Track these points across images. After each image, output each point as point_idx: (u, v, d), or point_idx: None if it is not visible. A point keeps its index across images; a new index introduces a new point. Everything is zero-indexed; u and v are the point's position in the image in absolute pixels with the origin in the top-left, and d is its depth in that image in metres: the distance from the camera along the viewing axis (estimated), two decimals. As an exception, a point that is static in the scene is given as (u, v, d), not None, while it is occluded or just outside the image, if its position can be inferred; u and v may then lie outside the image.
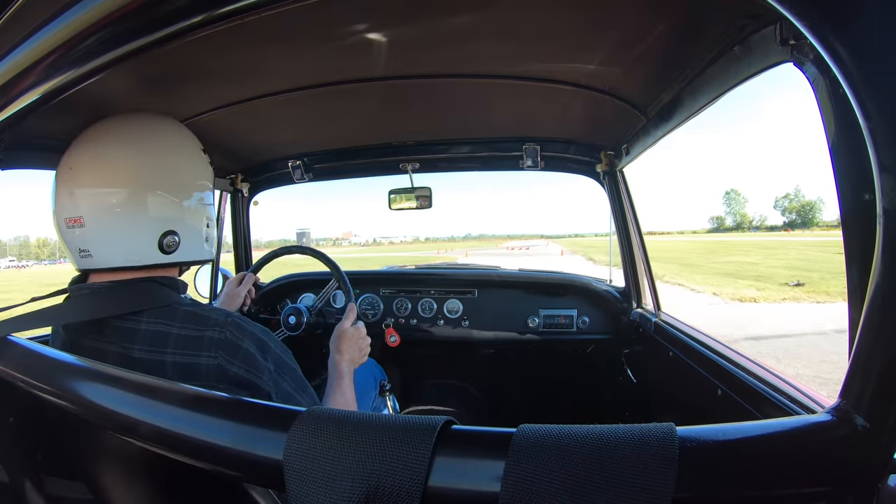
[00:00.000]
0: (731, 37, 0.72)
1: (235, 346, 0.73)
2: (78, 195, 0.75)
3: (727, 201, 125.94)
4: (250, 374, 0.73)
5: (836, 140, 0.53)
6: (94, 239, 0.76)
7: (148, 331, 0.74)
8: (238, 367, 0.73)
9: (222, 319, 0.75)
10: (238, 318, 0.76)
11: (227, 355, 0.72)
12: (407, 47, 0.91)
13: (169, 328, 0.74)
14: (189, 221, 0.83)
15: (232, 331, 0.74)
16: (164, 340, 0.73)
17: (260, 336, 0.77)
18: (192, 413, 0.48)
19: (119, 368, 0.58)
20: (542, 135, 1.53)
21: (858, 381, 0.34)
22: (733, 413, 0.88)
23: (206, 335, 0.73)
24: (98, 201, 0.75)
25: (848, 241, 0.54)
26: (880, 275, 0.32)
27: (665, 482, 0.31)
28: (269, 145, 1.59)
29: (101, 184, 0.76)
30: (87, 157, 0.77)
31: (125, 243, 0.76)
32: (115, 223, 0.76)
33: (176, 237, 0.80)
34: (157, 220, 0.78)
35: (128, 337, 0.74)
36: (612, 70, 0.98)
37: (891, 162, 0.30)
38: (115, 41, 0.50)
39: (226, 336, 0.73)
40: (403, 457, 0.37)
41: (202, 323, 0.74)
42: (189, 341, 0.73)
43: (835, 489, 0.34)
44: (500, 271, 1.97)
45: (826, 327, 6.58)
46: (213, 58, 0.88)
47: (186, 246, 0.82)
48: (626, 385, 1.61)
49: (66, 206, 0.76)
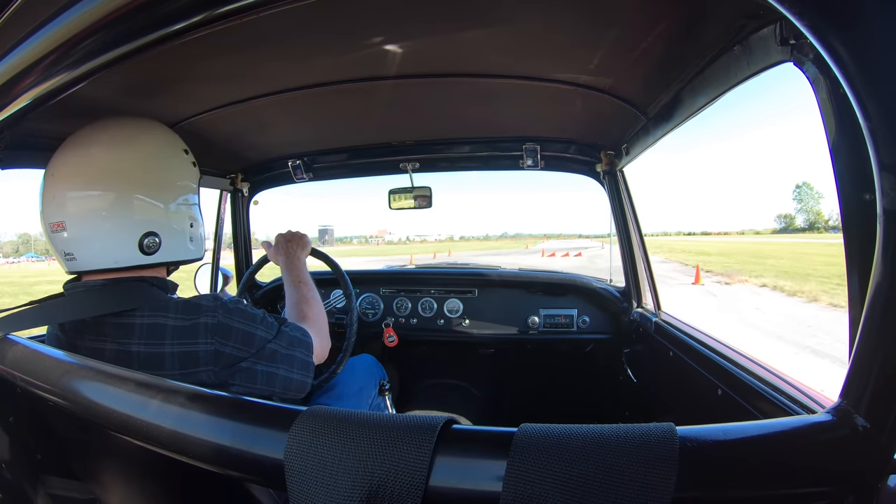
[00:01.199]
0: (731, 36, 0.72)
1: (228, 328, 0.78)
2: (59, 200, 0.78)
3: (798, 197, 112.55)
4: (243, 353, 0.79)
5: (837, 140, 0.53)
6: (76, 242, 0.78)
7: (144, 324, 0.76)
8: (232, 348, 0.78)
9: (212, 304, 0.79)
10: (227, 300, 0.81)
11: (221, 339, 0.77)
12: (406, 47, 0.91)
13: (164, 320, 0.77)
14: (171, 222, 0.85)
15: (223, 314, 0.78)
16: (161, 332, 0.76)
17: (244, 309, 0.83)
18: (193, 412, 0.48)
19: (119, 367, 0.58)
20: (542, 134, 1.53)
21: (859, 382, 0.34)
22: (733, 413, 0.88)
23: (199, 322, 0.77)
24: (77, 206, 0.78)
25: (848, 241, 0.54)
26: (881, 275, 0.32)
27: (666, 482, 0.31)
28: (268, 145, 1.59)
29: (79, 188, 0.78)
30: (66, 163, 0.79)
31: (105, 245, 0.79)
32: (95, 226, 0.78)
33: (156, 238, 0.82)
34: (136, 222, 0.80)
35: (125, 332, 0.76)
36: (612, 70, 0.98)
37: (891, 161, 0.30)
38: (114, 41, 0.50)
39: (218, 320, 0.78)
40: (404, 456, 0.37)
41: (194, 311, 0.78)
42: (185, 331, 0.76)
43: (835, 489, 0.34)
44: (500, 271, 1.97)
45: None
46: (213, 57, 0.88)
47: (168, 246, 0.85)
48: (627, 385, 1.61)
49: (50, 211, 0.78)
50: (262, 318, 0.84)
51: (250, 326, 0.81)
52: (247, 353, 0.80)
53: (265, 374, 0.83)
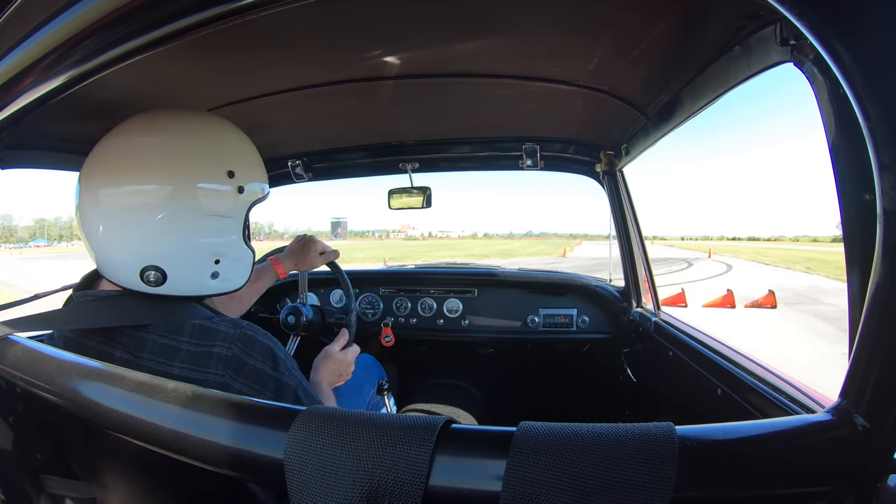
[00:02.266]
0: (731, 37, 0.72)
1: (241, 363, 0.73)
2: (83, 205, 0.74)
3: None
4: (254, 392, 0.73)
5: (837, 140, 0.53)
6: (98, 249, 0.75)
7: (157, 342, 0.73)
8: (242, 384, 0.73)
9: (231, 332, 0.73)
10: (248, 329, 0.75)
11: (232, 373, 0.72)
12: (407, 47, 0.91)
13: (178, 343, 0.73)
14: (178, 252, 0.77)
15: (240, 346, 0.73)
16: (173, 354, 0.73)
17: (270, 346, 0.76)
18: (193, 412, 0.48)
19: (119, 367, 0.58)
20: (542, 134, 1.53)
21: (859, 381, 0.34)
22: (733, 412, 0.88)
23: (213, 351, 0.72)
24: (89, 217, 0.74)
25: (848, 241, 0.54)
26: (880, 275, 0.32)
27: (666, 481, 0.31)
28: (268, 145, 1.59)
29: (98, 198, 0.73)
30: (95, 167, 0.75)
31: (113, 263, 0.75)
32: (105, 241, 0.74)
33: (160, 273, 0.75)
34: (133, 256, 0.74)
35: (137, 346, 0.74)
36: (611, 70, 0.98)
37: (891, 162, 0.30)
38: (114, 41, 0.50)
39: (233, 353, 0.72)
40: (404, 456, 0.37)
41: (210, 337, 0.73)
42: (197, 357, 0.72)
43: (835, 489, 0.34)
44: (500, 270, 1.97)
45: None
46: (214, 57, 0.88)
47: (176, 281, 0.77)
48: (626, 384, 1.61)
49: (78, 213, 0.75)
50: (285, 363, 0.77)
51: (266, 366, 0.75)
52: (255, 391, 0.74)
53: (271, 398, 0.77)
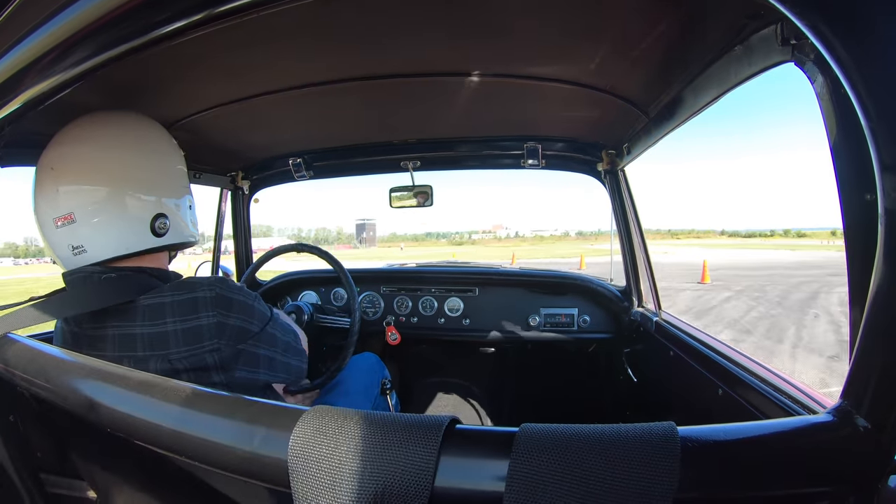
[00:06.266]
0: (732, 37, 0.72)
1: (229, 300, 0.79)
2: (64, 193, 0.77)
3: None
4: (247, 323, 0.81)
5: (838, 140, 0.53)
6: (88, 232, 0.78)
7: (145, 306, 0.77)
8: (235, 319, 0.79)
9: (209, 280, 0.81)
10: (224, 278, 0.83)
11: (223, 310, 0.78)
12: (408, 46, 0.91)
13: (163, 298, 0.77)
14: (177, 203, 0.88)
15: (221, 287, 0.80)
16: (162, 311, 0.77)
17: (245, 289, 0.85)
18: (194, 411, 0.48)
19: (119, 367, 0.58)
20: (544, 133, 1.53)
21: (860, 382, 0.34)
22: (734, 413, 0.88)
23: (198, 296, 0.78)
24: (87, 195, 0.78)
25: (849, 241, 0.54)
26: (882, 275, 0.32)
27: (668, 481, 0.31)
28: (269, 143, 1.59)
29: (87, 179, 0.78)
30: (69, 156, 0.79)
31: (119, 232, 0.79)
32: (108, 212, 0.79)
33: (166, 220, 0.85)
34: (148, 204, 0.83)
35: (127, 316, 0.77)
36: (613, 69, 0.98)
37: (892, 162, 0.30)
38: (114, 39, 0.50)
39: (216, 293, 0.79)
40: (411, 456, 0.37)
41: (191, 287, 0.79)
42: (184, 305, 0.77)
43: (836, 489, 0.34)
44: (501, 269, 1.97)
45: None
46: (214, 56, 0.88)
47: (175, 228, 0.87)
48: (627, 384, 1.61)
49: (53, 206, 0.78)
50: (257, 297, 0.87)
51: (249, 299, 0.84)
52: (249, 324, 0.81)
53: (266, 358, 0.84)
